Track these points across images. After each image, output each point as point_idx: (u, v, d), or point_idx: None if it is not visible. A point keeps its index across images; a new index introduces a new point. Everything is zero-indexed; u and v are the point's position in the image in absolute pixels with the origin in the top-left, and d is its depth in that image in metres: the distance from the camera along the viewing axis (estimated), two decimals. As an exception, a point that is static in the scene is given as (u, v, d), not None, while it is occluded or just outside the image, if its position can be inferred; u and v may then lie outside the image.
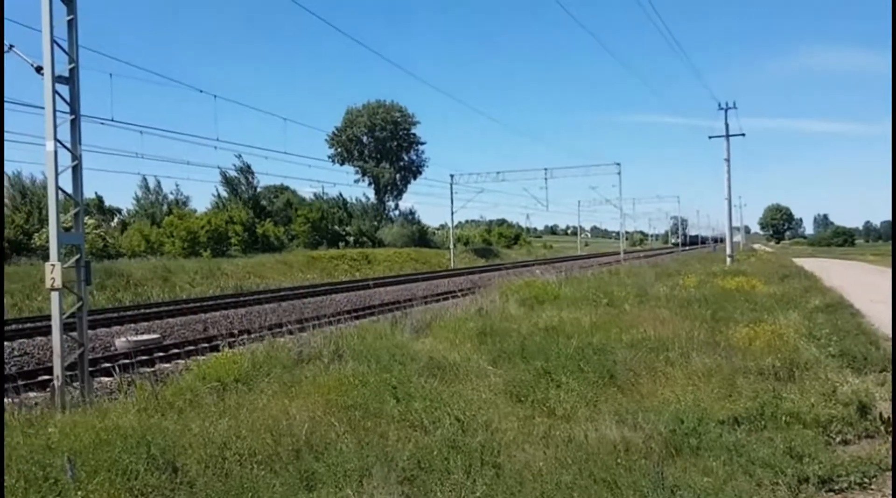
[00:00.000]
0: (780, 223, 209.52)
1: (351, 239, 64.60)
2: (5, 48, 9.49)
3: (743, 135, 45.86)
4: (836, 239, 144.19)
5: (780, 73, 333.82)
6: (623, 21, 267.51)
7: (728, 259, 42.21)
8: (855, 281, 27.19)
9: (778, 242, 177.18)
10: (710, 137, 44.93)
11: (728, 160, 43.99)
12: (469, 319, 14.57)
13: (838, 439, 7.02)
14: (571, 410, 7.72)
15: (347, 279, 41.89)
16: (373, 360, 9.92)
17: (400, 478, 5.64)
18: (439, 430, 6.82)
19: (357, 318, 20.10)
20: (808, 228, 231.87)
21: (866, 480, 5.82)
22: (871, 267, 44.39)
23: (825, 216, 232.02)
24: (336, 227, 65.08)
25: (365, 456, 6.04)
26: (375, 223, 73.38)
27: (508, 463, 5.97)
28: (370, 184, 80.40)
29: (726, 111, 43.93)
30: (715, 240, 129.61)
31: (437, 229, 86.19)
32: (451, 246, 64.25)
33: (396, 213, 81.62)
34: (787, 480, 5.69)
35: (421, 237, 75.17)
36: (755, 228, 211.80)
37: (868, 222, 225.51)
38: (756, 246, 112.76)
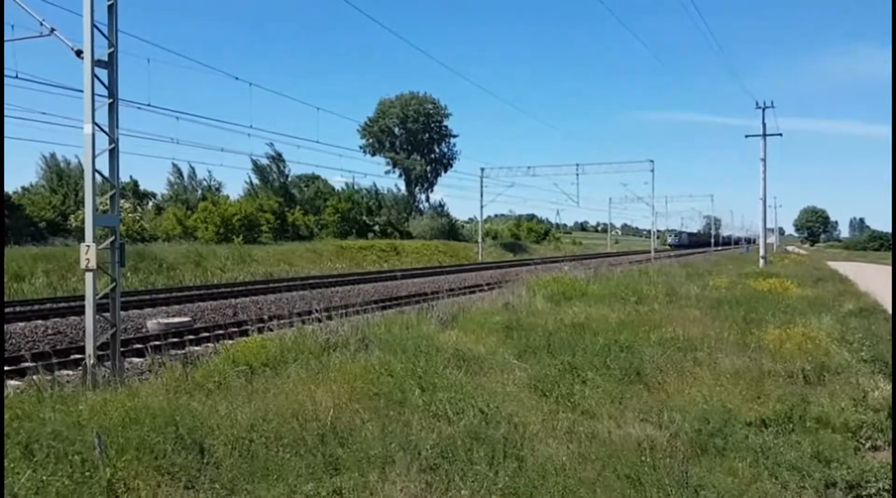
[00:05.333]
0: (815, 226, 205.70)
1: (379, 229, 64.84)
2: (47, 31, 9.67)
3: (780, 135, 45.21)
4: (873, 243, 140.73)
5: (819, 73, 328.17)
6: (660, 17, 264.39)
7: (761, 260, 41.64)
8: (891, 286, 26.56)
9: (812, 245, 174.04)
10: (746, 136, 44.38)
11: (764, 160, 43.40)
12: (495, 313, 14.56)
13: (868, 445, 6.91)
14: (596, 407, 7.70)
15: (375, 269, 42.05)
16: (399, 350, 9.95)
17: (423, 466, 5.66)
18: (463, 421, 6.84)
19: (384, 308, 20.14)
20: (844, 232, 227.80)
21: (896, 486, 5.72)
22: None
23: (861, 220, 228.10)
24: (365, 217, 65.35)
25: (388, 443, 6.07)
26: (405, 215, 73.51)
27: (531, 456, 5.97)
28: (401, 175, 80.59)
29: (763, 110, 43.29)
30: (748, 240, 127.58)
31: (466, 223, 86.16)
32: (480, 240, 64.18)
33: (426, 205, 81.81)
34: (813, 483, 5.64)
35: (450, 230, 75.18)
36: (790, 230, 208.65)
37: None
38: (790, 248, 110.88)
